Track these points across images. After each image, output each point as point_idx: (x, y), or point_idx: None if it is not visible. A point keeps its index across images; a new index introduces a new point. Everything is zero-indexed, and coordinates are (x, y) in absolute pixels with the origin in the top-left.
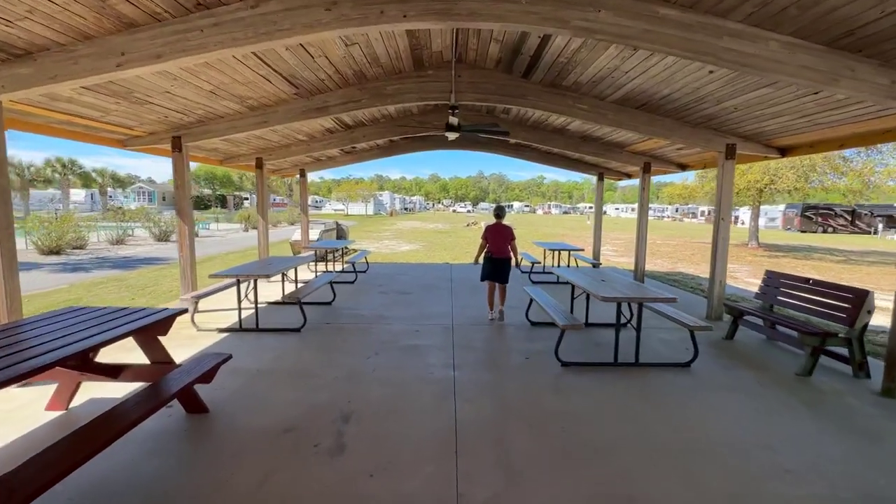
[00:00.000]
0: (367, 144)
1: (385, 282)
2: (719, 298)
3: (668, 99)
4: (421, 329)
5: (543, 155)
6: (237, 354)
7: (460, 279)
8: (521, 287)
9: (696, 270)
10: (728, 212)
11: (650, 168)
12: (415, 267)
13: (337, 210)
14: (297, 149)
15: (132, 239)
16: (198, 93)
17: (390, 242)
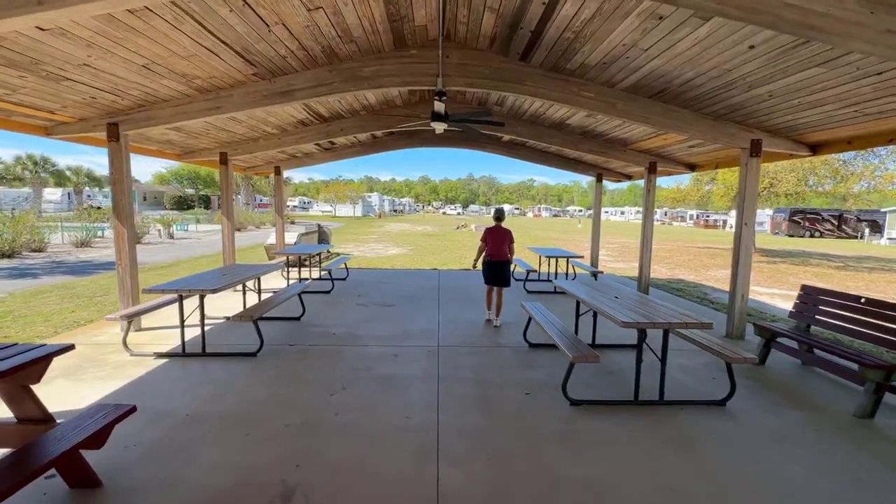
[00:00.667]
0: (346, 140)
1: (366, 291)
2: (741, 314)
3: (690, 85)
4: (401, 352)
5: (539, 154)
6: (171, 389)
7: (449, 288)
8: (517, 300)
9: (698, 277)
10: (752, 216)
11: (656, 168)
12: (400, 273)
13: (325, 212)
14: (266, 143)
15: (101, 241)
16: (127, 67)
17: (376, 246)
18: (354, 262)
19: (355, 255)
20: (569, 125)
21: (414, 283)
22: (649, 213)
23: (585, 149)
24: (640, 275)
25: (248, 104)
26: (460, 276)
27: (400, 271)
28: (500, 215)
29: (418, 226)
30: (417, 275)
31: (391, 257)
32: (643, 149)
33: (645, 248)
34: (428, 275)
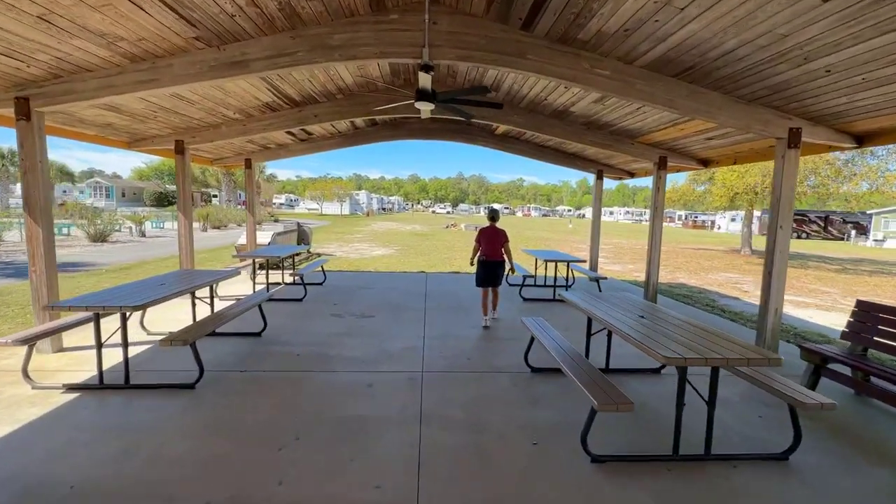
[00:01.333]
0: (323, 129)
1: (343, 299)
2: (774, 332)
3: (729, 58)
4: (377, 381)
5: (535, 148)
6: (66, 440)
7: (438, 294)
8: (513, 308)
9: (699, 281)
10: (788, 217)
11: (666, 164)
12: (384, 277)
13: (311, 209)
14: (229, 130)
15: (65, 239)
16: (18, 19)
17: (361, 246)
18: (336, 264)
19: (338, 255)
20: (572, 114)
21: (398, 288)
22: (659, 212)
23: (589, 141)
24: (648, 281)
25: (192, 76)
26: (449, 280)
27: (384, 274)
28: (493, 215)
29: (406, 225)
30: (403, 278)
31: (376, 258)
32: (654, 142)
33: (653, 251)
34: (414, 278)
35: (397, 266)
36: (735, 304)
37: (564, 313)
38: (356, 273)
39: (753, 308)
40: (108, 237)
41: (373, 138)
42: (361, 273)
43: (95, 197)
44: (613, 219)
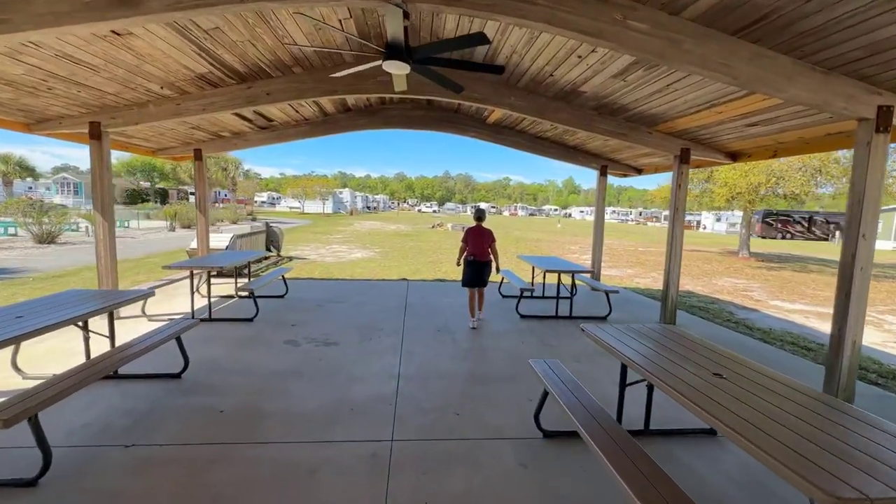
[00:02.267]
0: (284, 114)
1: (304, 317)
2: (852, 371)
3: (818, 4)
4: (324, 464)
5: (532, 140)
6: None
7: (420, 309)
8: (513, 337)
9: (706, 288)
10: (872, 223)
11: (689, 157)
12: (359, 287)
13: (293, 208)
14: (159, 110)
15: (7, 240)
16: None
17: (340, 248)
18: (306, 270)
19: (311, 259)
20: (581, 95)
21: (374, 301)
22: (679, 214)
23: (600, 130)
24: (666, 295)
25: (63, 17)
26: (434, 291)
27: (359, 284)
28: (480, 215)
29: (391, 224)
30: (380, 289)
31: (354, 263)
32: (677, 130)
33: (673, 261)
34: (394, 289)
35: (376, 272)
36: (756, 317)
37: (572, 337)
38: (327, 282)
39: (777, 323)
40: (57, 238)
41: (345, 126)
42: (334, 282)
43: (63, 194)
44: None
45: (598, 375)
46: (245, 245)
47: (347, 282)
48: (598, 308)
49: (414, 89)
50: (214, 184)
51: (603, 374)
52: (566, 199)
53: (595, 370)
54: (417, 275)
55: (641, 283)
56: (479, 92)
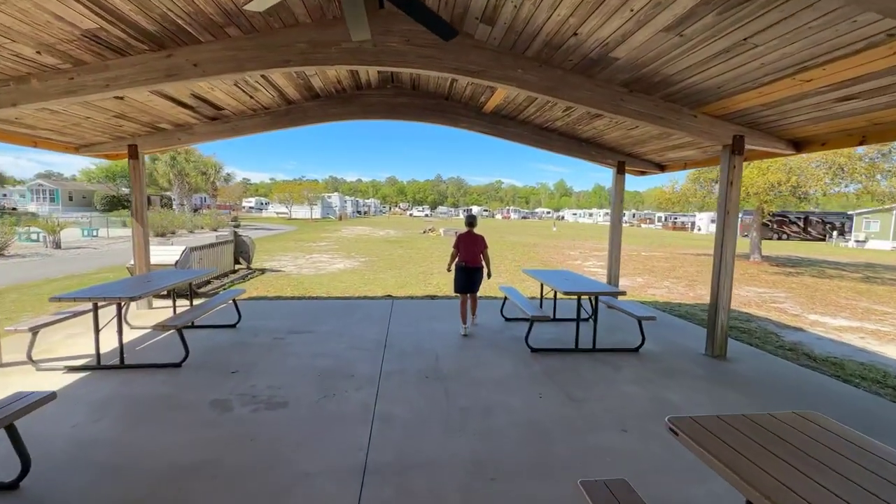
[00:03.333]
0: (235, 100)
1: (253, 358)
2: None
3: None
4: None
5: (537, 133)
6: None
7: (404, 342)
8: (525, 383)
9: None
10: None
11: (742, 147)
12: (333, 310)
13: (280, 213)
14: (46, 87)
15: None
16: None
17: (322, 258)
18: (276, 286)
19: (287, 271)
20: (612, 64)
21: (348, 330)
22: (731, 217)
23: (629, 112)
24: (714, 322)
25: None
26: (423, 312)
27: (335, 304)
28: (471, 221)
29: (380, 230)
30: (359, 310)
31: (334, 276)
32: (733, 111)
33: (723, 277)
34: (375, 310)
35: (358, 287)
36: (807, 340)
37: (604, 382)
38: (297, 302)
39: (835, 347)
40: (4, 249)
41: (315, 117)
42: (304, 302)
43: (38, 201)
44: (593, 220)
45: (668, 463)
46: (207, 258)
47: (321, 301)
48: (624, 332)
49: (385, 48)
50: (194, 189)
51: (679, 465)
52: (558, 201)
53: (663, 456)
54: (405, 289)
55: (657, 295)
56: (475, 62)
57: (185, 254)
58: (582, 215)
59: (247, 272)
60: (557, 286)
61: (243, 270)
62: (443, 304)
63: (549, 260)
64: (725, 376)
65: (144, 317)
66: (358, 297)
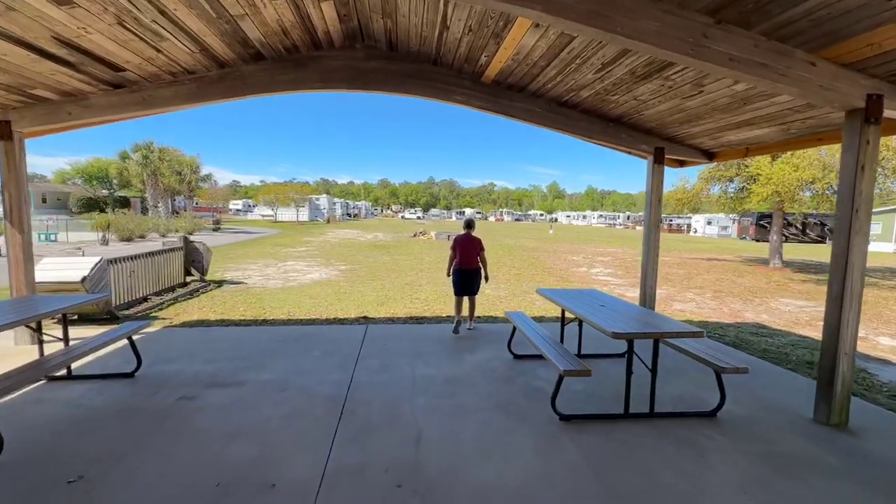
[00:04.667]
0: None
1: (126, 443)
2: None
3: None
4: None
5: (553, 108)
6: None
7: (374, 398)
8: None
9: (777, 319)
10: None
11: (880, 112)
12: (286, 341)
13: (265, 216)
14: None
15: None
16: None
17: (297, 266)
18: (227, 305)
19: (250, 283)
20: None
21: (293, 382)
22: (861, 219)
23: (715, 55)
24: (833, 375)
25: None
26: (405, 345)
27: (290, 332)
28: (469, 224)
29: (368, 233)
30: (319, 343)
31: (304, 289)
32: (877, 52)
33: (848, 305)
34: (340, 343)
35: (329, 305)
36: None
37: (683, 482)
38: (241, 331)
39: None
40: None
41: (257, 85)
42: (251, 330)
43: None
44: (587, 222)
45: None
46: (143, 270)
47: (275, 328)
48: (678, 375)
49: None
50: (169, 190)
51: None
52: (551, 203)
53: None
54: (386, 306)
55: (686, 311)
56: None
57: (99, 268)
58: (576, 217)
59: (200, 285)
60: (600, 323)
61: (196, 283)
62: (431, 330)
63: (552, 267)
64: (873, 469)
65: (6, 358)
66: (325, 320)
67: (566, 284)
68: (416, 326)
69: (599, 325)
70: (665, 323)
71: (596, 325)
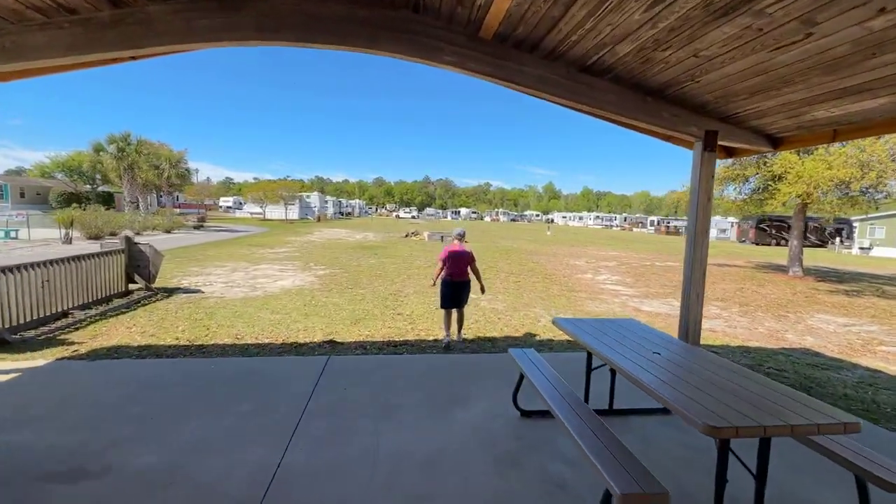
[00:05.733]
0: None
1: None
2: None
3: None
4: None
5: (573, 75)
6: None
7: None
8: None
9: (824, 343)
10: None
11: None
12: (209, 385)
13: (254, 213)
14: None
15: None
16: None
17: (270, 270)
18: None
19: (208, 292)
20: None
21: (188, 469)
22: None
23: None
24: None
25: None
26: (374, 390)
27: (220, 371)
28: (461, 236)
29: (358, 232)
30: (256, 389)
31: (268, 300)
32: None
33: None
34: (281, 390)
35: (292, 322)
36: None
37: None
38: (160, 364)
39: None
40: None
41: (167, 34)
42: (171, 364)
43: None
44: (583, 223)
45: None
46: (61, 278)
47: (206, 361)
48: (787, 474)
49: None
50: (148, 185)
51: None
52: (547, 204)
53: None
54: (362, 324)
55: (717, 332)
56: None
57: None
58: (572, 218)
59: (144, 294)
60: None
61: (141, 292)
62: (411, 364)
63: (554, 273)
64: None
65: None
66: (279, 346)
67: (571, 294)
68: (393, 358)
69: (680, 408)
70: (787, 401)
71: (676, 409)
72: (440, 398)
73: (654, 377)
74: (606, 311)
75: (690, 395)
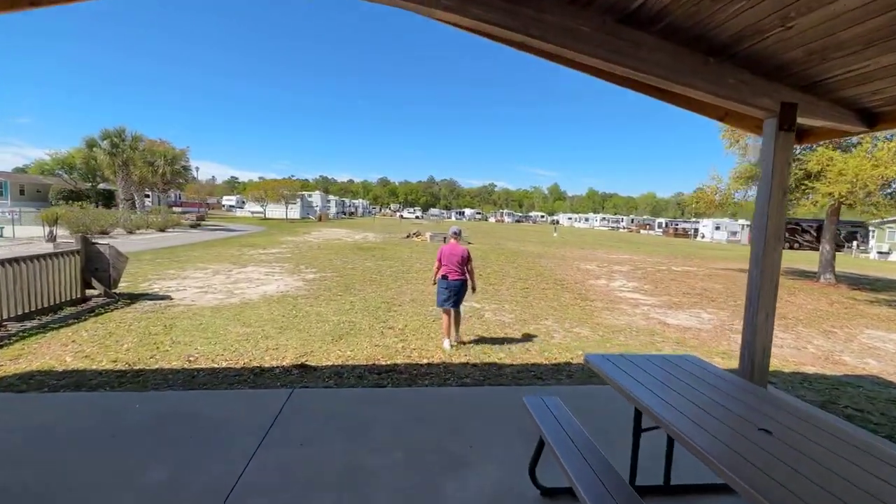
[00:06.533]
0: None
1: None
2: None
3: None
4: None
5: (608, 29)
6: None
7: None
8: None
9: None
10: None
11: None
12: (118, 435)
13: (255, 213)
14: None
15: None
16: None
17: (255, 273)
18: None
19: (178, 298)
20: None
21: None
22: None
23: None
24: None
25: None
26: (343, 447)
27: (150, 409)
28: (457, 234)
29: (358, 232)
30: (174, 448)
31: (244, 308)
32: None
33: None
34: (214, 448)
35: (262, 339)
36: None
37: None
38: (73, 399)
39: None
40: None
41: None
42: (94, 398)
43: None
44: (589, 225)
45: None
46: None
47: (134, 396)
48: None
49: None
50: (144, 182)
51: None
52: (552, 205)
53: None
54: (344, 341)
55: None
56: None
57: None
58: (578, 220)
59: (102, 301)
60: None
61: (100, 298)
62: (395, 403)
63: (564, 279)
64: None
65: None
66: (238, 370)
67: (586, 303)
68: (373, 393)
69: None
70: None
71: None
72: (430, 460)
73: (758, 469)
74: (629, 326)
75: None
